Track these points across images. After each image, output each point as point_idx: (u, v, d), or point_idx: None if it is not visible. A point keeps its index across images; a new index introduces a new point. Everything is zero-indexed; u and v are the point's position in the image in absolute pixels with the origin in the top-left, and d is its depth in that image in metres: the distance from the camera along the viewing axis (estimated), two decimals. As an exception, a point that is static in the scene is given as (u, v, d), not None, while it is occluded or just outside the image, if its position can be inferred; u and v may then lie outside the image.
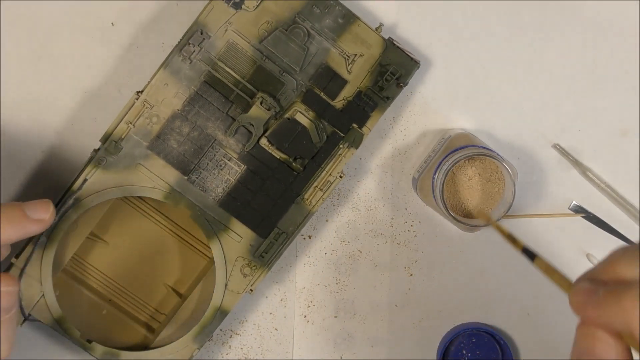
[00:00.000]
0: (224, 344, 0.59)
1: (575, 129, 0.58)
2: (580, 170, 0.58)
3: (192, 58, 0.52)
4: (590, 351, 0.35)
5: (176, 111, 0.52)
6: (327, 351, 0.59)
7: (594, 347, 0.35)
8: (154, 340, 0.56)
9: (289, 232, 0.54)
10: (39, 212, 0.46)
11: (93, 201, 0.52)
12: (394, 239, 0.59)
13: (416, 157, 0.58)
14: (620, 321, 0.33)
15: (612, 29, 0.57)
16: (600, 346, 0.35)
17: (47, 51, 0.56)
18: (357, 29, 0.53)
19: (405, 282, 0.59)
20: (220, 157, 0.53)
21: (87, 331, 0.53)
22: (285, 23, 0.52)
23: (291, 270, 0.59)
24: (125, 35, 0.56)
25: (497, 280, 0.59)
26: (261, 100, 0.52)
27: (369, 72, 0.53)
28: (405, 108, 0.58)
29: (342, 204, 0.58)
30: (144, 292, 0.57)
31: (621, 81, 0.58)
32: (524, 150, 0.58)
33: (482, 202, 0.54)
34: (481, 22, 0.57)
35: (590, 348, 0.35)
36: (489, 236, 0.59)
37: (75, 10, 0.56)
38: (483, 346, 0.58)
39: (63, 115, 0.56)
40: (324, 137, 0.53)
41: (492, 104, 0.58)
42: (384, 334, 0.59)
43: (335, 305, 0.59)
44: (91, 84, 0.56)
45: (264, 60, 0.53)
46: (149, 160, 0.52)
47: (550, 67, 0.58)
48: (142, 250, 0.57)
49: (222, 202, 0.53)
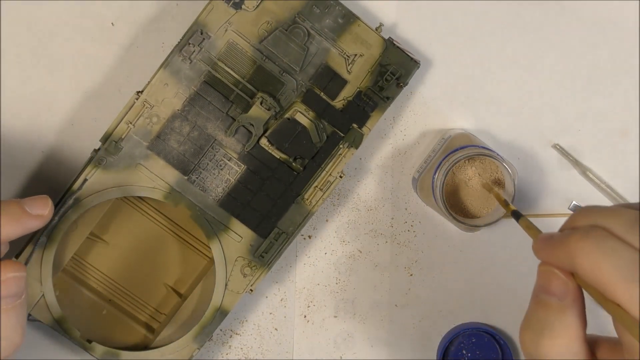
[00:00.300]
0: (224, 344, 0.59)
1: (575, 129, 0.58)
2: (580, 170, 0.58)
3: (192, 58, 0.52)
4: (546, 287, 0.39)
5: (176, 111, 0.52)
6: (327, 351, 0.59)
7: (549, 283, 0.38)
8: (154, 340, 0.56)
9: (289, 232, 0.54)
10: (38, 207, 0.47)
11: (93, 201, 0.52)
12: (394, 239, 0.59)
13: (416, 157, 0.58)
14: (566, 259, 0.37)
15: (612, 29, 0.57)
16: (554, 282, 0.38)
17: (47, 51, 0.56)
18: (357, 29, 0.53)
19: (405, 282, 0.59)
20: (220, 157, 0.53)
21: (87, 331, 0.53)
22: (285, 23, 0.52)
23: (291, 270, 0.59)
24: (125, 35, 0.56)
25: (497, 280, 0.59)
26: (261, 100, 0.52)
27: (369, 72, 0.53)
28: (405, 108, 0.58)
29: (342, 204, 0.58)
30: (144, 292, 0.57)
31: (621, 81, 0.58)
32: (524, 150, 0.58)
33: (482, 202, 0.54)
34: (481, 22, 0.57)
35: (546, 284, 0.39)
36: (489, 236, 0.59)
37: (75, 10, 0.56)
38: (483, 346, 0.58)
39: (63, 115, 0.56)
40: (324, 137, 0.53)
41: (492, 104, 0.58)
42: (384, 334, 0.59)
43: (335, 305, 0.59)
44: (91, 84, 0.56)
45: (264, 60, 0.53)
46: (149, 160, 0.52)
47: (550, 67, 0.58)
48: (142, 250, 0.57)
49: (222, 202, 0.53)
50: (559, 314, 0.38)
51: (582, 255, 0.36)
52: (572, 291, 0.38)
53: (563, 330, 0.38)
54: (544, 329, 0.39)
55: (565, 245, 0.37)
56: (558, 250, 0.38)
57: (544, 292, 0.39)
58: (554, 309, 0.38)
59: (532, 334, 0.39)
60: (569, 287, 0.38)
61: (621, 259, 0.35)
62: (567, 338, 0.38)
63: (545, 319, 0.39)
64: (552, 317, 0.39)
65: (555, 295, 0.38)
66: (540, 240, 0.39)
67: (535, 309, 0.39)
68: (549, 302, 0.39)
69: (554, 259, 0.38)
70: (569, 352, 0.38)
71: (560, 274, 0.38)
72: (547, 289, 0.39)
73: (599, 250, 0.36)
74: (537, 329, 0.39)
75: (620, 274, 0.35)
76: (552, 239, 0.39)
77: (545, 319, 0.39)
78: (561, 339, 0.38)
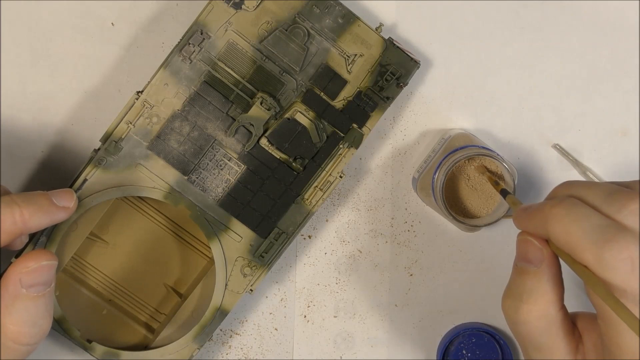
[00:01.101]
0: (224, 344, 0.59)
1: (575, 129, 0.58)
2: (580, 170, 0.58)
3: (192, 58, 0.52)
4: (523, 254, 0.41)
5: (176, 111, 0.52)
6: (327, 351, 0.59)
7: (526, 251, 0.40)
8: (154, 340, 0.56)
9: (289, 232, 0.54)
10: (64, 199, 0.48)
11: (93, 201, 0.52)
12: (394, 239, 0.59)
13: (416, 157, 0.58)
14: (541, 226, 0.39)
15: (612, 29, 0.57)
16: (530, 249, 0.40)
17: (47, 51, 0.56)
18: (357, 29, 0.53)
19: (405, 282, 0.59)
20: (220, 157, 0.53)
21: (87, 331, 0.53)
22: (285, 23, 0.52)
23: (291, 270, 0.59)
24: (125, 35, 0.56)
25: (497, 280, 0.59)
26: (261, 100, 0.52)
27: (369, 72, 0.53)
28: (405, 108, 0.58)
29: (342, 204, 0.58)
30: (144, 292, 0.57)
31: (621, 81, 0.58)
32: (524, 150, 0.58)
33: (482, 202, 0.54)
34: (481, 22, 0.57)
35: (523, 252, 0.41)
36: (489, 236, 0.59)
37: (75, 10, 0.56)
38: (483, 346, 0.58)
39: (63, 115, 0.56)
40: (324, 137, 0.53)
41: (492, 104, 0.58)
42: (384, 334, 0.59)
43: (335, 305, 0.59)
44: (91, 84, 0.56)
45: (264, 60, 0.53)
46: (149, 160, 0.52)
47: (550, 67, 0.58)
48: (142, 250, 0.57)
49: (222, 202, 0.53)
50: (535, 280, 0.40)
51: (555, 221, 0.38)
52: (547, 257, 0.40)
53: (540, 295, 0.40)
54: (522, 294, 0.41)
55: (540, 212, 0.39)
56: (534, 218, 0.40)
57: (521, 259, 0.41)
58: (531, 275, 0.40)
59: (512, 300, 0.41)
60: (543, 253, 0.40)
61: (589, 223, 0.37)
62: (544, 303, 0.40)
63: (523, 285, 0.41)
64: (529, 283, 0.40)
65: (531, 262, 0.40)
66: (519, 210, 0.41)
67: (514, 277, 0.41)
68: (526, 269, 0.41)
69: (530, 226, 0.40)
70: (546, 316, 0.40)
71: (535, 241, 0.40)
72: (524, 257, 0.41)
73: (570, 215, 0.38)
74: (516, 295, 0.41)
75: (588, 237, 0.37)
76: (529, 208, 0.41)
77: (523, 285, 0.41)
78: (538, 304, 0.40)
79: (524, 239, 0.41)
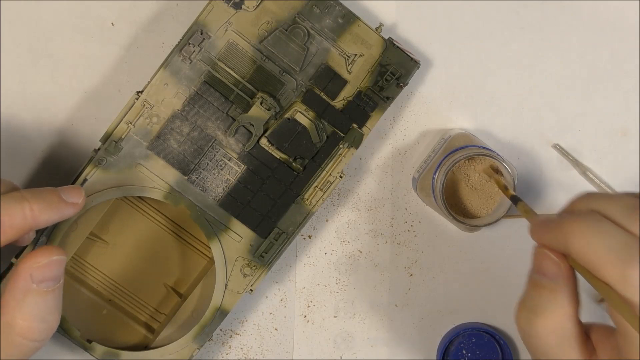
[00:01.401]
0: (224, 344, 0.59)
1: (575, 129, 0.58)
2: (580, 170, 0.58)
3: (192, 58, 0.52)
4: (539, 268, 0.40)
5: (176, 111, 0.52)
6: (327, 351, 0.59)
7: (542, 264, 0.40)
8: (154, 340, 0.56)
9: (289, 232, 0.54)
10: (73, 196, 0.48)
11: (93, 201, 0.52)
12: (394, 239, 0.59)
13: (416, 157, 0.58)
14: (560, 241, 0.38)
15: (612, 29, 0.57)
16: (547, 263, 0.40)
17: (47, 51, 0.56)
18: (357, 29, 0.53)
19: (405, 282, 0.59)
20: (220, 157, 0.53)
21: (87, 331, 0.53)
22: (285, 23, 0.52)
23: (291, 270, 0.59)
24: (125, 35, 0.56)
25: (497, 280, 0.59)
26: (261, 100, 0.52)
27: (369, 72, 0.53)
28: (405, 108, 0.58)
29: (342, 204, 0.58)
30: (144, 292, 0.57)
31: (621, 81, 0.58)
32: (524, 150, 0.58)
33: (482, 202, 0.54)
34: (481, 22, 0.57)
35: (540, 265, 0.40)
36: (489, 236, 0.59)
37: (75, 10, 0.56)
38: (483, 346, 0.58)
39: (63, 115, 0.56)
40: (324, 137, 0.53)
41: (492, 104, 0.58)
42: (384, 334, 0.59)
43: (335, 305, 0.59)
44: (91, 84, 0.56)
45: (264, 60, 0.53)
46: (149, 160, 0.52)
47: (550, 67, 0.58)
48: (142, 250, 0.57)
49: (222, 202, 0.53)
50: (551, 294, 0.40)
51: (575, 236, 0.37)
52: (564, 272, 0.39)
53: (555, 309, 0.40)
54: (537, 308, 0.40)
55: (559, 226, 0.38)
56: (553, 232, 0.39)
57: (537, 272, 0.40)
58: (547, 289, 0.40)
59: (526, 313, 0.41)
60: (561, 268, 0.39)
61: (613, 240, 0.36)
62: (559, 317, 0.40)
63: (538, 298, 0.40)
64: (544, 297, 0.40)
65: (547, 276, 0.40)
66: (537, 223, 0.41)
67: (530, 290, 0.41)
68: (541, 283, 0.40)
69: (548, 240, 0.40)
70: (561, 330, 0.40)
71: (552, 255, 0.40)
72: (540, 270, 0.40)
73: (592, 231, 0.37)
74: (530, 309, 0.40)
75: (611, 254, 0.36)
76: (548, 221, 0.40)
77: (539, 298, 0.40)
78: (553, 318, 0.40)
79: (541, 252, 0.40)
